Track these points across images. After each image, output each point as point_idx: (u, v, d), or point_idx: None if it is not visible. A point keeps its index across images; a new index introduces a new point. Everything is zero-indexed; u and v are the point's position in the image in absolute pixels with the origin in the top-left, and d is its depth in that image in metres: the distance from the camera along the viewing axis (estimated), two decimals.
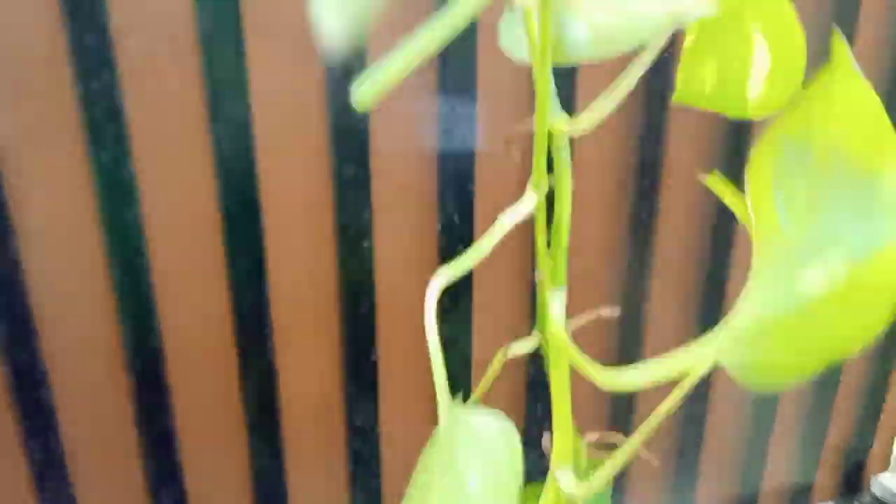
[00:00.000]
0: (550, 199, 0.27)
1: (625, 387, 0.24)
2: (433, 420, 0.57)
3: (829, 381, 0.69)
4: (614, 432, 0.60)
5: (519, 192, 0.51)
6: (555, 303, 0.27)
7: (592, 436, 0.33)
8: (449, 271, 0.25)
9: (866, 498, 0.78)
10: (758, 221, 0.24)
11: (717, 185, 0.29)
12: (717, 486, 0.69)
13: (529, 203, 0.26)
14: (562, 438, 0.28)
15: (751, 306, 0.24)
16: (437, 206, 0.51)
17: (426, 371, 0.56)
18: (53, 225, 0.45)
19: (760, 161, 0.24)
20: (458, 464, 0.25)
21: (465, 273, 0.43)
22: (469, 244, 0.52)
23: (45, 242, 0.45)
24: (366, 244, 0.50)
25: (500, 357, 0.29)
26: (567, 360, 0.28)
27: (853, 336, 0.23)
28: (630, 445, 0.27)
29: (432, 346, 0.25)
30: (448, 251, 0.52)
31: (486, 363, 0.56)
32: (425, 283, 0.52)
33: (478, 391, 0.30)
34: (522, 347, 0.29)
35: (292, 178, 0.48)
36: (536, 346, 0.29)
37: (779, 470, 0.71)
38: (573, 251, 0.55)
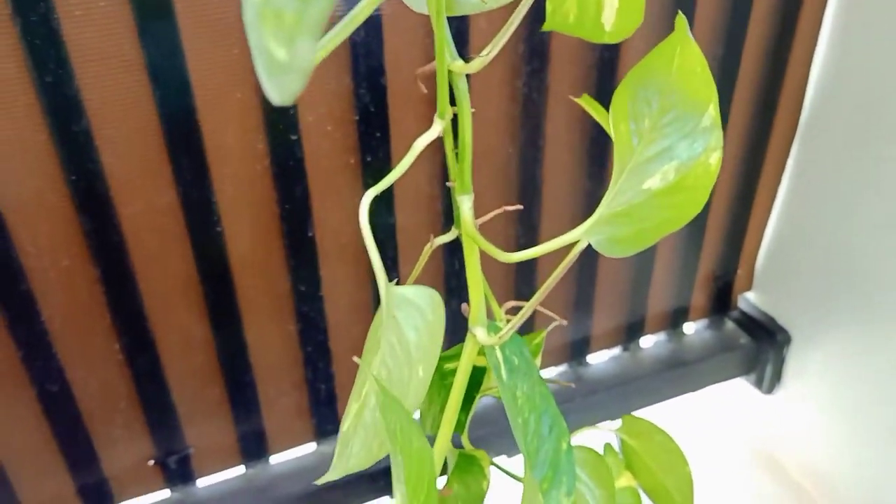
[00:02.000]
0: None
1: (519, 258, 0.33)
2: (365, 289, 0.66)
3: (697, 222, 0.80)
4: (524, 302, 0.70)
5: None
6: (464, 205, 0.35)
7: (508, 305, 0.41)
8: (374, 189, 0.32)
9: (735, 314, 0.94)
10: (617, 142, 0.32)
11: (589, 104, 0.36)
12: (611, 317, 0.82)
13: (437, 129, 0.33)
14: (476, 305, 0.37)
15: (610, 200, 0.32)
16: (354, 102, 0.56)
17: (357, 244, 0.63)
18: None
19: (619, 100, 0.31)
20: (399, 321, 0.33)
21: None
22: (384, 131, 0.58)
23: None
24: (293, 137, 0.56)
25: (428, 247, 0.36)
26: (477, 245, 0.36)
27: (677, 218, 0.32)
28: (530, 304, 0.36)
29: (369, 244, 0.32)
30: (366, 140, 0.58)
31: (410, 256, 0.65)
32: (348, 165, 0.59)
33: (413, 273, 0.38)
34: (444, 239, 0.37)
35: (225, 84, 0.52)
36: (455, 237, 0.37)
37: (660, 298, 0.84)
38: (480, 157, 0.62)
